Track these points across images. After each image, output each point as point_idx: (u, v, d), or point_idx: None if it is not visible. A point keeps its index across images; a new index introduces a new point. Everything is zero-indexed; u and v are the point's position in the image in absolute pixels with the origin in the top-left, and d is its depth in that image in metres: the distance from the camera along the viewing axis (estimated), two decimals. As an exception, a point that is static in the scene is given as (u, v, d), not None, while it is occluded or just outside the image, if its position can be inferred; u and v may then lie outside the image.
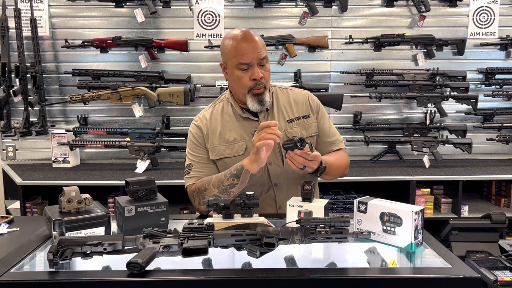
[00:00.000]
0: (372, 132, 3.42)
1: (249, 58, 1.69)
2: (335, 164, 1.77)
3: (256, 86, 1.72)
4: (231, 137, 1.78)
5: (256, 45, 1.70)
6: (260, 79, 1.71)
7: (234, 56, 1.71)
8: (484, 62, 3.44)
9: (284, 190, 1.80)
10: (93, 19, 3.34)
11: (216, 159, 1.79)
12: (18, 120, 3.22)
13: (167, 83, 3.29)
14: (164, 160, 3.41)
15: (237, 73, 1.72)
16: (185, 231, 1.20)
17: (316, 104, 1.88)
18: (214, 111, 1.85)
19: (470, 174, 3.01)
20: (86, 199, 1.44)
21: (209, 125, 1.82)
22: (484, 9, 3.38)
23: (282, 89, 1.90)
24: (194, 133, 1.84)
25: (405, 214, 1.29)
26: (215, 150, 1.79)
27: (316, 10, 3.31)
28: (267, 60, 1.74)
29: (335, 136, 1.89)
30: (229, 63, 1.74)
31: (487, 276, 1.37)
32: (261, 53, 1.70)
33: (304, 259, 1.32)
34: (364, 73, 3.34)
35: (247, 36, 1.71)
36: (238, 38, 1.71)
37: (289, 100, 1.86)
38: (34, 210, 3.00)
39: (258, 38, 1.73)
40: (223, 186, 1.67)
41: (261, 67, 1.72)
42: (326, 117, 1.90)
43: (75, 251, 1.16)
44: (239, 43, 1.70)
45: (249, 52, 1.68)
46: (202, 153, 1.82)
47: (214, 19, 3.33)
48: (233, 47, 1.70)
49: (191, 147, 1.84)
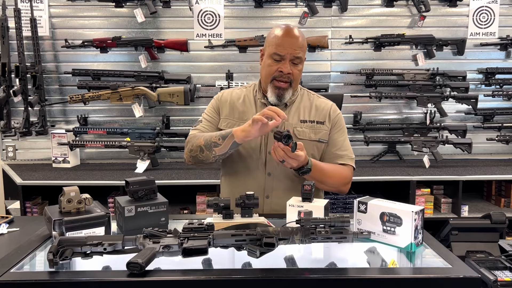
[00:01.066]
0: (372, 132, 3.42)
1: (284, 51, 1.74)
2: (326, 172, 1.78)
3: (280, 77, 1.76)
4: (244, 116, 1.85)
5: (295, 42, 1.76)
6: (287, 74, 1.75)
7: (272, 45, 1.77)
8: (484, 62, 3.44)
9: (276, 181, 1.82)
10: (93, 19, 3.34)
11: (223, 129, 1.84)
12: (18, 120, 3.23)
13: (167, 83, 3.29)
14: (164, 160, 3.41)
15: (269, 61, 1.78)
16: (185, 231, 1.20)
17: (336, 117, 1.91)
18: (238, 91, 1.94)
19: (470, 174, 3.01)
20: (86, 199, 1.44)
21: (230, 100, 1.90)
22: (484, 9, 3.38)
23: (310, 94, 1.95)
24: (216, 99, 1.94)
25: (405, 214, 1.29)
26: (226, 120, 1.87)
27: (316, 10, 3.31)
28: (301, 61, 1.79)
29: (346, 151, 1.89)
30: (267, 50, 1.80)
31: (487, 276, 1.37)
32: (297, 51, 1.75)
33: (304, 259, 1.32)
34: (364, 73, 3.34)
35: (290, 32, 1.77)
36: (284, 30, 1.77)
37: (311, 104, 1.90)
38: (34, 210, 3.00)
39: (301, 38, 1.79)
40: (209, 141, 1.73)
41: (293, 65, 1.77)
42: (343, 132, 1.91)
43: (75, 251, 1.16)
44: (283, 35, 1.76)
45: (287, 46, 1.74)
46: (214, 117, 1.90)
47: (214, 19, 3.33)
48: (275, 37, 1.77)
49: (209, 110, 1.93)
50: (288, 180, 1.82)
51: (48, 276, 1.15)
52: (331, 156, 1.87)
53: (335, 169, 1.83)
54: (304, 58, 1.82)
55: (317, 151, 1.86)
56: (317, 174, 1.72)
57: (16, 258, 1.25)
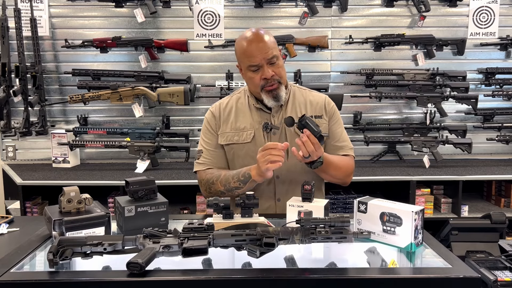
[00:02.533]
0: (372, 132, 3.42)
1: (257, 60, 1.73)
2: (335, 164, 1.79)
3: (267, 84, 1.75)
4: (242, 125, 1.84)
5: (264, 45, 1.72)
6: (272, 77, 1.74)
7: (244, 59, 1.77)
8: (484, 62, 3.44)
9: (285, 184, 1.83)
10: (93, 19, 3.34)
11: (224, 144, 1.86)
12: (18, 120, 3.22)
13: (167, 83, 3.29)
14: (164, 160, 3.41)
15: (249, 74, 1.78)
16: (185, 231, 1.20)
17: (332, 109, 1.91)
18: (230, 100, 1.92)
19: (470, 174, 3.01)
20: (86, 199, 1.44)
21: (222, 113, 1.89)
22: (484, 9, 3.38)
23: (301, 89, 1.94)
24: (209, 119, 1.91)
25: (405, 214, 1.29)
26: (224, 135, 1.86)
27: (316, 10, 3.31)
28: (278, 58, 1.77)
29: (345, 142, 1.91)
30: (242, 65, 1.81)
31: (487, 276, 1.37)
32: (269, 53, 1.72)
33: (304, 259, 1.32)
34: (364, 73, 3.34)
35: (255, 38, 1.74)
36: (247, 40, 1.75)
37: (305, 100, 1.90)
38: (34, 210, 3.00)
39: (268, 37, 1.75)
40: (229, 186, 1.76)
41: (271, 65, 1.75)
42: (340, 123, 1.93)
43: (75, 251, 1.16)
44: (248, 46, 1.74)
45: (257, 53, 1.72)
46: (212, 140, 1.89)
47: (214, 19, 3.33)
48: (243, 49, 1.76)
49: (204, 133, 1.91)
50: (295, 181, 1.82)
51: (48, 276, 1.15)
52: (331, 148, 1.88)
53: (341, 161, 1.84)
54: (280, 52, 1.80)
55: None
56: (327, 167, 1.73)
57: (16, 258, 1.25)
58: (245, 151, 1.82)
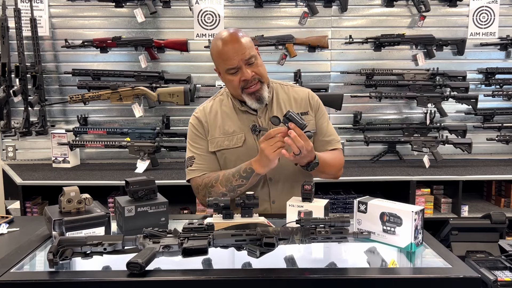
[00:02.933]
0: (372, 132, 3.42)
1: (234, 62, 1.67)
2: (329, 162, 1.77)
3: (247, 85, 1.71)
4: (230, 129, 1.79)
5: (239, 46, 1.67)
6: (252, 77, 1.70)
7: (221, 62, 1.71)
8: (484, 62, 3.44)
9: (279, 185, 1.80)
10: (93, 19, 3.34)
11: (215, 150, 1.81)
12: (18, 120, 3.22)
13: (167, 83, 3.29)
14: (164, 160, 3.41)
15: (228, 77, 1.72)
16: (185, 231, 1.20)
17: (316, 103, 1.88)
18: (214, 104, 1.86)
19: (470, 174, 3.01)
20: (86, 199, 1.43)
21: (208, 117, 1.83)
22: (484, 9, 3.38)
23: (283, 86, 1.89)
24: (195, 124, 1.84)
25: (405, 214, 1.29)
26: (214, 141, 1.80)
27: (316, 10, 3.31)
28: (256, 57, 1.71)
29: (332, 136, 1.88)
30: (220, 68, 1.75)
31: (487, 276, 1.37)
32: (246, 53, 1.67)
33: (304, 259, 1.32)
34: (364, 73, 3.34)
35: (230, 40, 1.68)
36: (222, 42, 1.69)
37: (289, 96, 1.86)
38: (34, 210, 3.00)
39: (243, 38, 1.69)
40: (231, 186, 1.70)
41: (250, 65, 1.70)
42: (325, 116, 1.90)
43: (75, 251, 1.16)
44: (223, 48, 1.68)
45: (233, 55, 1.66)
46: (203, 144, 1.82)
47: (214, 19, 3.33)
48: (219, 53, 1.70)
49: (193, 138, 1.84)
50: (288, 182, 1.81)
51: (48, 276, 1.15)
52: (320, 143, 1.85)
53: (334, 157, 1.82)
54: (257, 51, 1.74)
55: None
56: (322, 166, 1.70)
57: (16, 258, 1.25)
58: (236, 156, 1.77)
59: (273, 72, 3.36)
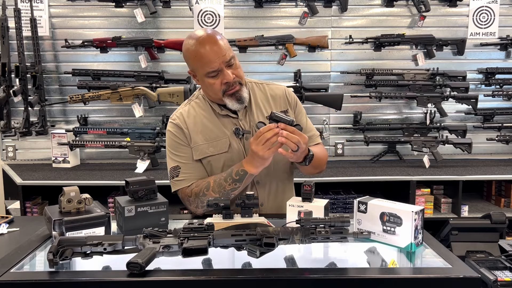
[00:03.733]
0: (372, 132, 3.42)
1: (216, 65, 1.61)
2: (319, 156, 1.76)
3: (229, 88, 1.66)
4: (213, 135, 1.73)
5: (218, 48, 1.61)
6: (233, 79, 1.65)
7: (200, 66, 1.64)
8: (484, 62, 3.44)
9: (266, 187, 1.77)
10: (93, 19, 3.34)
11: (200, 158, 1.74)
12: (18, 120, 3.23)
13: (167, 83, 3.29)
14: (164, 160, 3.37)
15: (208, 81, 1.65)
16: (185, 231, 1.20)
17: (293, 99, 1.85)
18: (190, 109, 1.78)
19: (470, 174, 3.01)
20: (86, 199, 1.43)
21: (188, 123, 1.75)
22: (484, 9, 3.38)
23: (258, 84, 1.84)
24: (174, 132, 1.76)
25: (405, 214, 1.29)
26: (198, 149, 1.73)
27: (316, 10, 3.31)
28: (234, 59, 1.65)
29: (312, 131, 1.86)
30: (198, 72, 1.68)
31: (487, 276, 1.37)
32: (226, 55, 1.61)
33: (304, 259, 1.32)
34: (364, 73, 3.34)
35: (208, 41, 1.61)
36: (199, 44, 1.62)
37: (266, 95, 1.82)
38: (34, 210, 3.00)
39: (220, 39, 1.63)
40: (224, 191, 1.65)
41: (230, 67, 1.64)
42: (303, 112, 1.88)
43: (75, 251, 1.16)
44: (201, 50, 1.61)
45: (214, 58, 1.60)
46: (186, 152, 1.75)
47: (214, 19, 3.33)
48: (197, 56, 1.63)
49: (174, 147, 1.76)
50: (275, 183, 1.79)
51: (48, 276, 1.15)
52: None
53: (320, 151, 1.81)
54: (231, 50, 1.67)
55: None
56: (315, 160, 1.68)
57: (16, 258, 1.25)
58: (223, 162, 1.71)
59: (273, 72, 3.37)
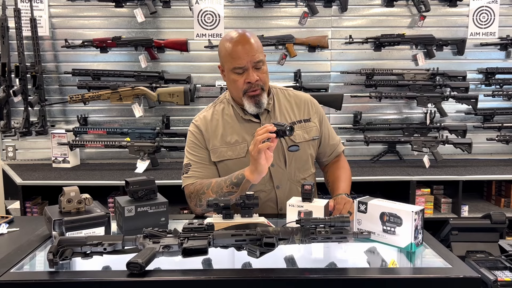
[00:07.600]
0: (372, 132, 3.42)
1: (243, 62, 1.67)
2: (348, 184, 1.90)
3: (250, 88, 1.70)
4: (233, 139, 1.77)
5: (250, 48, 1.67)
6: (256, 82, 1.69)
7: (229, 60, 1.70)
8: (484, 62, 3.44)
9: (285, 191, 1.80)
10: (93, 19, 3.34)
11: (218, 161, 1.78)
12: (18, 120, 3.22)
13: (167, 83, 3.29)
14: (164, 160, 3.41)
15: (233, 77, 1.71)
16: (185, 231, 1.20)
17: (318, 110, 1.91)
18: (214, 111, 1.84)
19: (470, 174, 3.01)
20: (86, 199, 1.44)
21: (209, 126, 1.80)
22: (484, 9, 3.37)
23: (283, 91, 1.90)
24: (194, 133, 1.82)
25: (405, 214, 1.29)
26: (216, 151, 1.78)
27: (316, 10, 3.31)
28: (263, 63, 1.72)
29: (336, 138, 1.98)
30: (226, 67, 1.74)
31: (487, 276, 1.37)
32: (256, 56, 1.68)
33: (304, 259, 1.32)
34: (364, 73, 3.34)
35: (241, 39, 1.68)
36: (233, 41, 1.69)
37: (290, 102, 1.87)
38: (34, 210, 3.00)
39: (254, 40, 1.70)
40: (221, 192, 1.66)
41: (256, 70, 1.70)
42: (327, 121, 1.96)
43: (75, 251, 1.16)
44: (234, 47, 1.68)
45: (243, 56, 1.66)
46: (201, 153, 1.80)
47: (214, 19, 3.33)
48: (228, 51, 1.69)
49: (191, 147, 1.82)
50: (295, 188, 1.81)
51: (48, 276, 1.15)
52: (329, 148, 1.94)
53: (348, 176, 1.94)
54: (265, 57, 1.74)
55: (313, 149, 1.87)
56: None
57: (16, 258, 1.25)
58: (240, 166, 1.71)
59: (273, 72, 3.36)
